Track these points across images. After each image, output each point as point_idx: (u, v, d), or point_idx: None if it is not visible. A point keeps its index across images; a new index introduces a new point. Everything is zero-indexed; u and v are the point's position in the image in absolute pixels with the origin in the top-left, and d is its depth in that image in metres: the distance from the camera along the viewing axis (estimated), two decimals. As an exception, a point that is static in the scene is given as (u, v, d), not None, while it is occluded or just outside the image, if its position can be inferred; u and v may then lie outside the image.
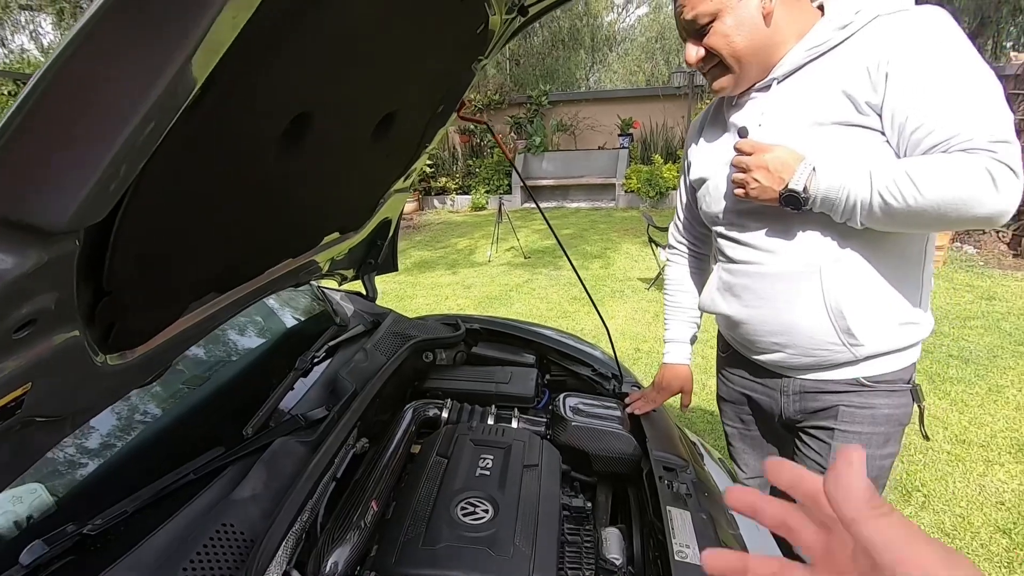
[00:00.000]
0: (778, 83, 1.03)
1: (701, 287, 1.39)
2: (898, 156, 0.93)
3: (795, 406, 1.18)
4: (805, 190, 0.94)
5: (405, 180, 1.54)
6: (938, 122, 0.85)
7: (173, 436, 1.12)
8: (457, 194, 10.75)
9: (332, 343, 1.46)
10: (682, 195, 1.37)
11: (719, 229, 1.18)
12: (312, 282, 1.62)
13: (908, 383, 1.10)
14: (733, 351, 1.32)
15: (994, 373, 3.26)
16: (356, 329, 1.57)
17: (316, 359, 1.37)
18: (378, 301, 1.89)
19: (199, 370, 1.31)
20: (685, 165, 1.30)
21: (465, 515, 0.93)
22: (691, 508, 0.99)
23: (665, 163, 9.58)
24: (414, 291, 5.79)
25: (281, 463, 0.99)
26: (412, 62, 1.01)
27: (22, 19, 12.23)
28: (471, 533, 0.89)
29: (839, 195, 0.92)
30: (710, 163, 1.17)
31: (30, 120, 0.38)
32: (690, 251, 1.41)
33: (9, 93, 7.13)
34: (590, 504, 1.16)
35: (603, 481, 1.25)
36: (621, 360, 1.62)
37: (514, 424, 1.31)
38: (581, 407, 1.32)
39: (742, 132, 1.03)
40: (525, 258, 6.78)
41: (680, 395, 1.40)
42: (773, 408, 1.23)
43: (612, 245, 7.14)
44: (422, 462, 1.09)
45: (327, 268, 1.51)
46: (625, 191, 9.74)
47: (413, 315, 1.84)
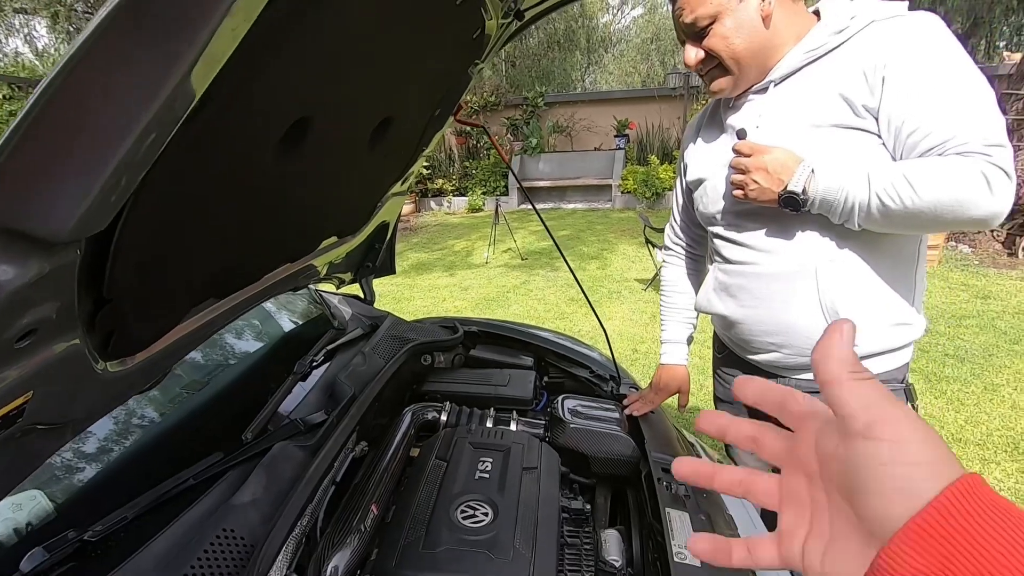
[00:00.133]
0: (775, 85, 1.04)
1: (697, 288, 1.40)
2: (894, 159, 0.94)
3: None
4: (804, 192, 0.95)
5: (402, 183, 1.55)
6: (934, 126, 0.87)
7: (172, 441, 1.12)
8: (454, 196, 10.76)
9: (330, 347, 1.46)
10: (678, 196, 1.37)
11: (716, 230, 1.19)
12: (310, 285, 1.63)
13: (901, 382, 1.11)
14: (729, 351, 1.33)
15: (990, 372, 3.28)
16: (354, 332, 1.57)
17: (314, 363, 1.38)
18: (375, 303, 1.89)
19: (198, 375, 1.31)
20: (681, 166, 1.30)
21: (465, 518, 0.94)
22: (690, 509, 0.99)
23: (661, 164, 9.60)
24: (411, 293, 5.79)
25: (280, 468, 0.99)
26: (410, 66, 1.02)
27: (16, 22, 12.19)
28: (471, 536, 0.89)
29: (838, 197, 0.94)
30: (707, 164, 1.18)
31: (32, 132, 0.38)
32: (686, 252, 1.42)
33: (4, 97, 7.10)
34: (589, 506, 1.17)
35: (602, 483, 1.25)
36: (619, 361, 1.62)
37: (513, 427, 1.32)
38: (579, 409, 1.33)
39: (740, 134, 1.04)
40: (522, 259, 6.79)
41: (678, 395, 1.41)
42: None
43: (609, 246, 7.15)
44: (421, 465, 1.09)
45: (325, 272, 1.51)
46: (621, 192, 9.76)
47: (410, 317, 1.84)
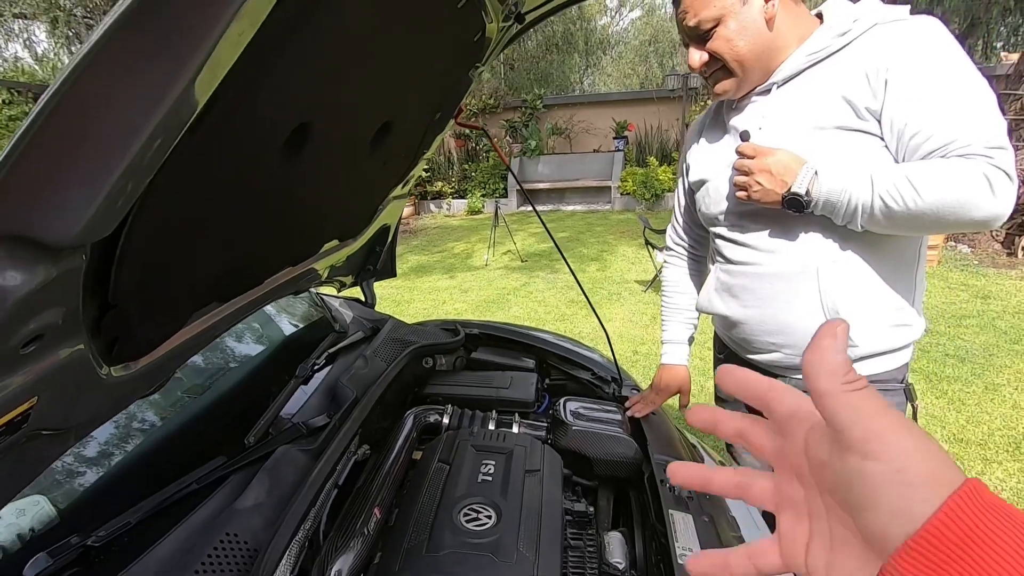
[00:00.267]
0: (778, 87, 1.05)
1: (699, 288, 1.40)
2: (896, 161, 0.95)
3: None
4: (807, 193, 0.96)
5: (403, 187, 1.55)
6: (936, 128, 0.88)
7: (175, 446, 1.12)
8: (453, 198, 10.76)
9: (332, 350, 1.46)
10: (680, 197, 1.38)
11: (718, 230, 1.19)
12: (311, 289, 1.63)
13: (901, 382, 1.12)
14: (729, 351, 1.33)
15: (990, 372, 3.28)
16: (356, 336, 1.58)
17: (316, 366, 1.38)
18: (376, 306, 1.89)
19: (200, 379, 1.31)
20: (684, 167, 1.31)
21: (468, 521, 0.93)
22: (693, 511, 0.99)
23: (660, 165, 9.61)
24: (411, 296, 5.79)
25: (283, 471, 0.99)
26: (410, 70, 1.02)
27: (16, 27, 12.20)
28: (474, 539, 0.89)
29: (841, 198, 0.94)
30: (710, 165, 1.19)
31: (38, 139, 0.38)
32: (688, 253, 1.43)
33: (3, 102, 7.10)
34: (592, 508, 1.16)
35: (604, 485, 1.25)
36: (619, 363, 1.62)
37: (515, 429, 1.32)
38: (582, 411, 1.33)
39: (744, 136, 1.05)
40: (522, 261, 6.79)
41: (679, 395, 1.41)
42: None
43: (608, 248, 7.15)
44: (424, 468, 1.09)
45: (326, 275, 1.51)
46: (621, 194, 9.77)
47: (411, 320, 1.84)
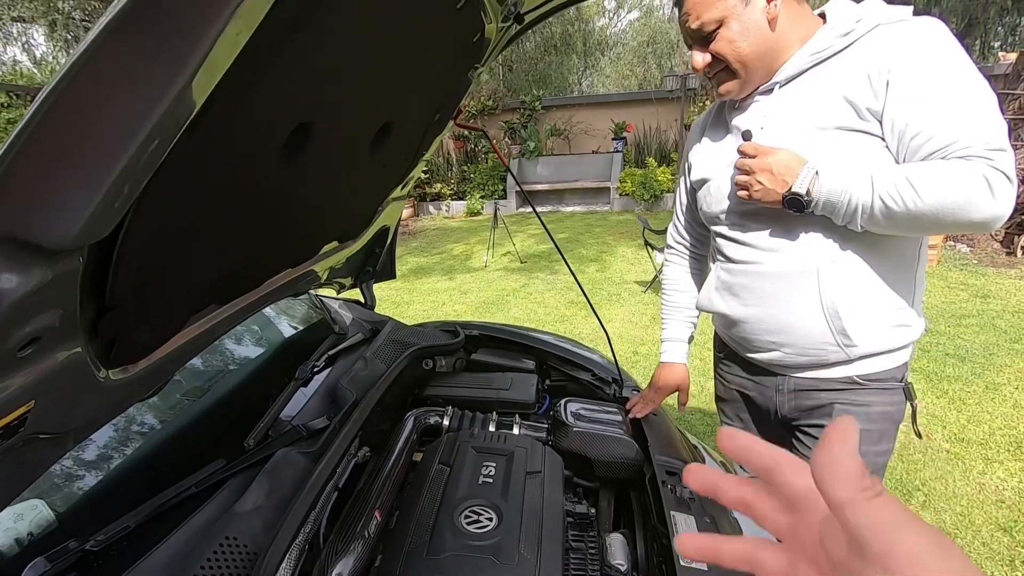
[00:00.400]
0: (780, 87, 1.05)
1: (699, 287, 1.40)
2: (897, 162, 0.95)
3: (790, 404, 1.20)
4: (808, 193, 0.96)
5: (403, 188, 1.54)
6: (937, 129, 0.88)
7: (174, 449, 1.11)
8: (452, 200, 10.76)
9: (332, 352, 1.46)
10: (682, 196, 1.38)
11: (719, 229, 1.20)
12: (310, 291, 1.62)
13: (900, 381, 1.12)
14: (729, 350, 1.33)
15: (991, 371, 3.28)
16: (355, 337, 1.57)
17: (316, 368, 1.37)
18: (375, 308, 1.89)
19: (199, 381, 1.31)
20: (686, 166, 1.31)
21: (469, 523, 0.93)
22: (695, 512, 0.99)
23: (659, 166, 9.62)
24: (411, 297, 5.78)
25: (283, 474, 0.99)
26: (410, 71, 1.02)
27: (14, 31, 12.20)
28: (475, 542, 0.89)
29: (841, 198, 0.94)
30: (712, 164, 1.19)
31: (34, 140, 0.38)
32: (689, 252, 1.43)
33: (2, 105, 7.10)
34: (593, 510, 1.16)
35: (605, 486, 1.25)
36: (620, 364, 1.62)
37: (515, 431, 1.31)
38: (582, 412, 1.32)
39: (746, 135, 1.05)
40: (521, 263, 6.79)
41: (677, 394, 1.41)
42: (769, 406, 1.25)
43: (608, 248, 7.15)
44: (424, 470, 1.09)
45: (325, 277, 1.50)
46: (620, 194, 9.77)
47: (410, 321, 1.84)
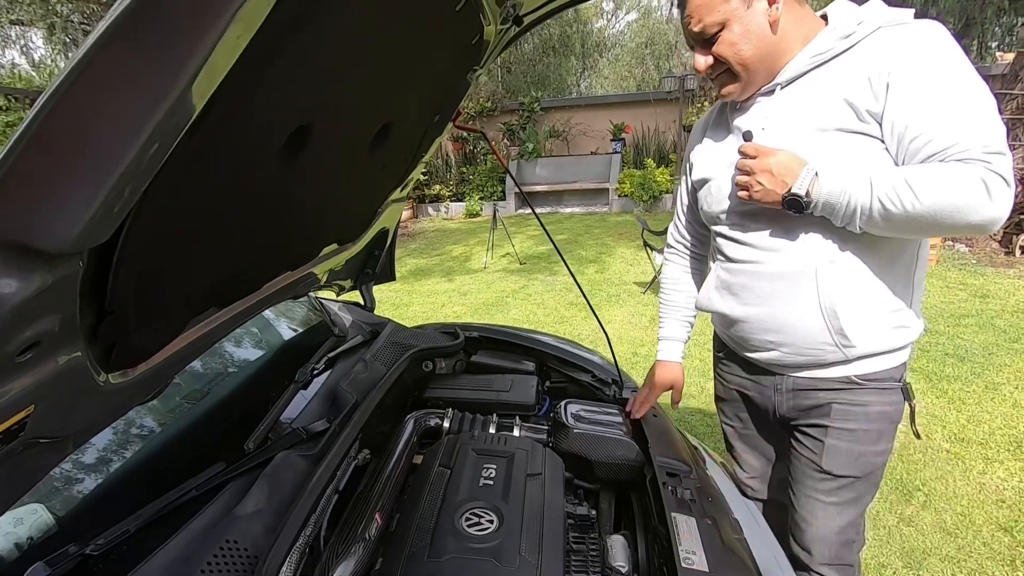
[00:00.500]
0: (782, 88, 1.06)
1: (698, 287, 1.41)
2: (896, 164, 0.95)
3: (789, 404, 1.20)
4: (807, 194, 0.97)
5: (402, 190, 1.54)
6: (936, 132, 0.88)
7: (174, 452, 1.11)
8: (451, 201, 10.76)
9: (331, 354, 1.46)
10: (683, 196, 1.38)
11: (719, 229, 1.20)
12: (310, 293, 1.62)
13: (899, 381, 1.12)
14: (729, 350, 1.34)
15: (990, 371, 3.28)
16: (355, 340, 1.57)
17: (316, 371, 1.37)
18: (375, 310, 1.88)
19: (198, 385, 1.31)
20: (687, 166, 1.32)
21: (470, 526, 0.93)
22: (696, 514, 0.99)
23: (658, 167, 9.62)
24: (410, 299, 5.78)
25: (283, 477, 0.98)
26: (409, 73, 1.02)
27: (13, 34, 12.19)
28: (476, 544, 0.89)
29: (840, 200, 0.95)
30: (713, 164, 1.19)
31: (34, 144, 0.38)
32: (688, 251, 1.43)
33: (0, 108, 7.09)
34: (594, 512, 1.16)
35: (606, 488, 1.24)
36: (619, 365, 1.62)
37: (516, 432, 1.31)
38: (583, 414, 1.32)
39: (747, 136, 1.05)
40: (520, 264, 6.79)
41: (671, 392, 1.42)
42: (768, 406, 1.26)
43: (607, 249, 7.15)
44: (425, 473, 1.09)
45: (325, 279, 1.50)
46: (618, 196, 9.77)
47: (410, 323, 1.83)
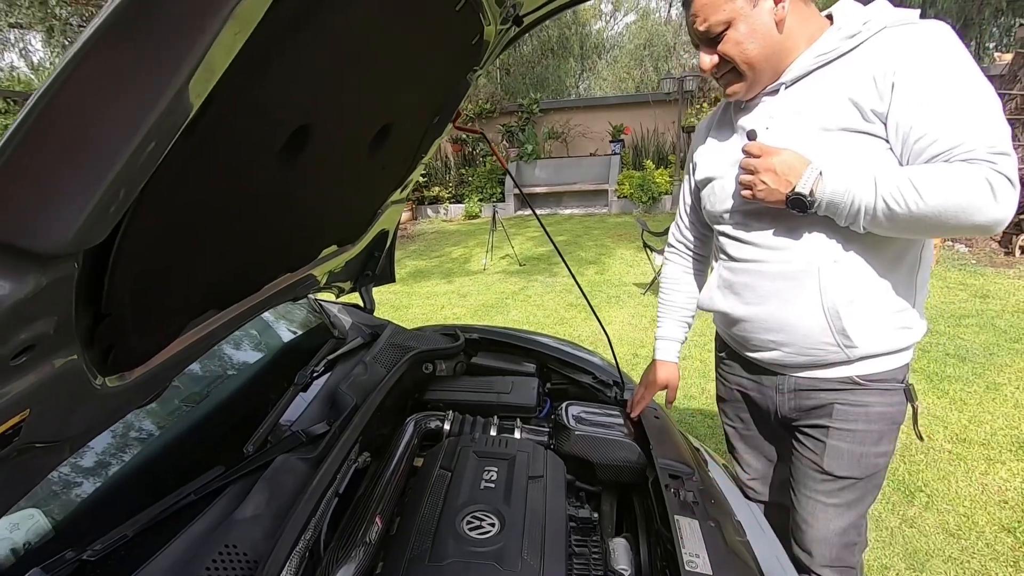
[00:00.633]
0: (786, 88, 1.05)
1: (698, 288, 1.41)
2: (901, 164, 0.95)
3: (790, 404, 1.20)
4: (811, 194, 0.96)
5: (401, 191, 1.54)
6: (941, 133, 0.88)
7: (172, 456, 1.10)
8: (450, 203, 10.75)
9: (331, 357, 1.45)
10: (686, 196, 1.38)
11: (722, 228, 1.20)
12: (309, 295, 1.61)
13: (901, 382, 1.12)
14: (730, 350, 1.34)
15: (991, 371, 3.27)
16: (355, 342, 1.56)
17: (315, 373, 1.36)
18: (374, 312, 1.88)
19: (197, 387, 1.30)
20: (690, 166, 1.31)
21: (471, 529, 0.92)
22: (699, 516, 0.98)
23: (657, 168, 9.63)
24: (410, 301, 5.77)
25: (283, 481, 0.98)
26: (409, 73, 1.01)
27: (11, 37, 12.18)
28: (478, 548, 0.88)
29: (844, 199, 0.94)
30: (717, 164, 1.19)
31: (27, 144, 0.37)
32: (690, 252, 1.43)
33: (-1, 111, 7.08)
34: (596, 514, 1.15)
35: (608, 490, 1.24)
36: (620, 366, 1.61)
37: (517, 435, 1.30)
38: (584, 416, 1.31)
39: (751, 135, 1.05)
40: (520, 265, 6.78)
41: (667, 391, 1.42)
42: (769, 406, 1.25)
43: (607, 251, 7.15)
44: (425, 476, 1.08)
45: (325, 281, 1.50)
46: (618, 197, 9.77)
47: (409, 325, 1.83)
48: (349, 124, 0.97)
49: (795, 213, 1.00)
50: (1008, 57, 6.62)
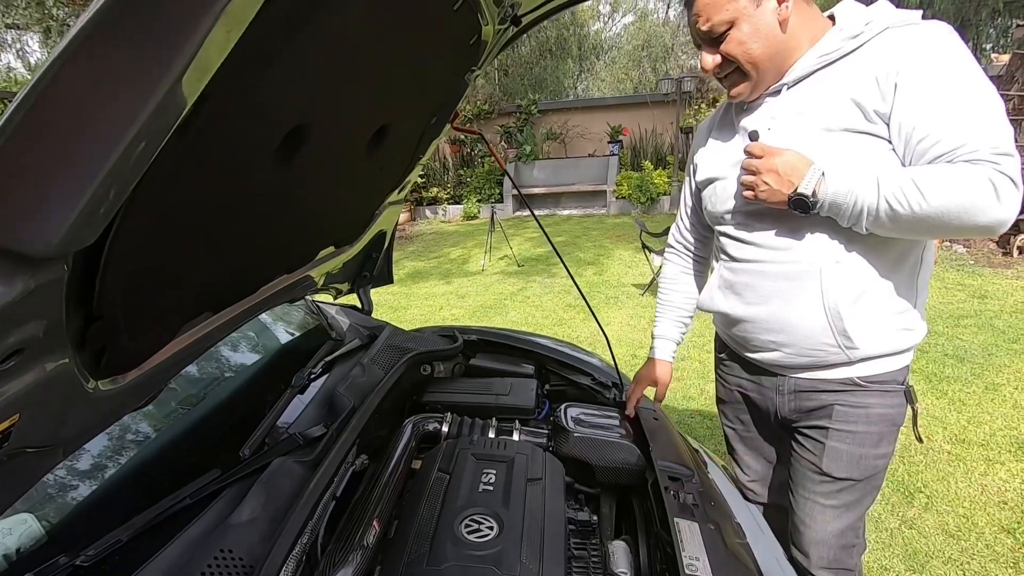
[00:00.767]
0: (788, 88, 1.05)
1: (695, 288, 1.42)
2: (903, 165, 0.95)
3: (790, 405, 1.19)
4: (814, 194, 0.96)
5: (399, 192, 1.53)
6: (944, 133, 0.88)
7: (167, 459, 1.09)
8: (449, 204, 10.75)
9: (328, 358, 1.44)
10: (687, 197, 1.38)
11: (724, 229, 1.19)
12: (307, 296, 1.60)
13: (901, 384, 1.12)
14: (729, 350, 1.33)
15: (990, 371, 3.27)
16: (352, 343, 1.55)
17: (313, 375, 1.35)
18: (372, 313, 1.87)
19: (193, 389, 1.29)
20: (691, 167, 1.31)
21: (469, 532, 0.91)
22: (698, 519, 0.97)
23: (655, 169, 9.63)
24: (408, 302, 5.76)
25: (280, 484, 0.97)
26: (406, 73, 1.00)
27: (8, 38, 12.16)
28: (476, 551, 0.87)
29: (847, 200, 0.94)
30: (718, 164, 1.19)
31: (13, 144, 0.36)
32: (690, 253, 1.43)
33: (-4, 112, 7.07)
34: (595, 517, 1.14)
35: (607, 492, 1.23)
36: (619, 367, 1.60)
37: (515, 437, 1.30)
38: (583, 417, 1.31)
39: (753, 135, 1.04)
40: (519, 266, 6.77)
41: (656, 388, 1.42)
42: (769, 407, 1.25)
43: (605, 251, 7.15)
44: (423, 478, 1.07)
45: (322, 282, 1.49)
46: (616, 197, 9.77)
47: (407, 326, 1.82)
48: (346, 124, 0.96)
49: (797, 214, 0.99)
50: (1005, 58, 6.63)
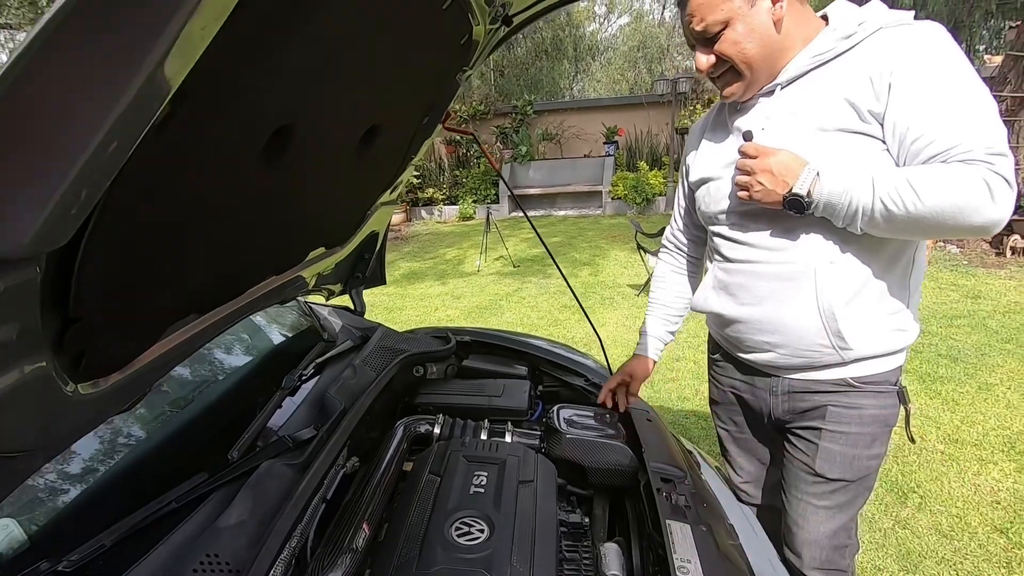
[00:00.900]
0: (782, 88, 1.05)
1: (687, 288, 1.42)
2: (897, 165, 0.95)
3: (784, 406, 1.19)
4: (809, 194, 0.96)
5: (391, 193, 1.52)
6: (938, 133, 0.88)
7: (154, 462, 1.07)
8: (444, 205, 10.74)
9: (320, 360, 1.43)
10: (680, 199, 1.38)
11: (718, 229, 1.19)
12: (299, 297, 1.59)
13: (894, 385, 1.12)
14: (723, 351, 1.33)
15: (983, 371, 3.29)
16: (344, 345, 1.54)
17: (304, 377, 1.34)
18: (366, 314, 1.86)
19: (181, 391, 1.27)
20: (684, 169, 1.30)
21: (460, 535, 0.90)
22: (691, 520, 0.97)
23: (651, 170, 9.65)
24: (403, 303, 5.75)
25: (268, 487, 0.96)
26: (396, 73, 0.99)
27: (1, 38, 12.09)
28: (467, 554, 0.86)
29: (842, 200, 0.94)
30: (712, 165, 1.18)
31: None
32: (683, 254, 1.43)
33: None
34: (587, 519, 1.14)
35: (600, 494, 1.22)
36: (613, 368, 1.60)
37: (508, 438, 1.29)
38: (575, 419, 1.30)
39: (747, 135, 1.04)
40: (514, 267, 6.77)
41: (631, 382, 1.40)
42: (762, 408, 1.24)
43: (600, 252, 7.15)
44: (414, 481, 1.06)
45: (313, 283, 1.48)
46: (612, 198, 9.78)
47: (402, 328, 1.81)
48: (334, 124, 0.95)
49: (792, 214, 0.99)
50: (998, 59, 6.68)
